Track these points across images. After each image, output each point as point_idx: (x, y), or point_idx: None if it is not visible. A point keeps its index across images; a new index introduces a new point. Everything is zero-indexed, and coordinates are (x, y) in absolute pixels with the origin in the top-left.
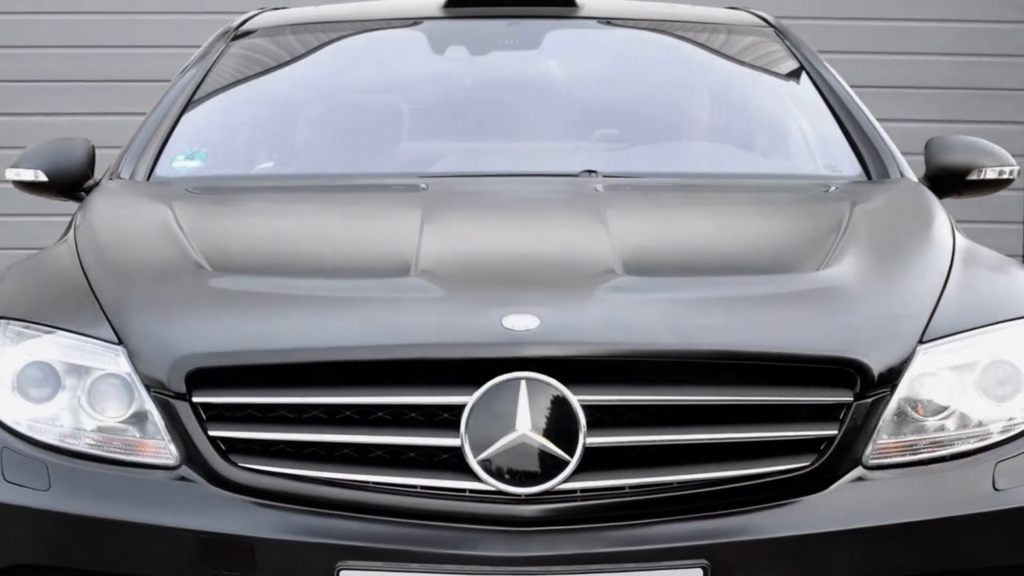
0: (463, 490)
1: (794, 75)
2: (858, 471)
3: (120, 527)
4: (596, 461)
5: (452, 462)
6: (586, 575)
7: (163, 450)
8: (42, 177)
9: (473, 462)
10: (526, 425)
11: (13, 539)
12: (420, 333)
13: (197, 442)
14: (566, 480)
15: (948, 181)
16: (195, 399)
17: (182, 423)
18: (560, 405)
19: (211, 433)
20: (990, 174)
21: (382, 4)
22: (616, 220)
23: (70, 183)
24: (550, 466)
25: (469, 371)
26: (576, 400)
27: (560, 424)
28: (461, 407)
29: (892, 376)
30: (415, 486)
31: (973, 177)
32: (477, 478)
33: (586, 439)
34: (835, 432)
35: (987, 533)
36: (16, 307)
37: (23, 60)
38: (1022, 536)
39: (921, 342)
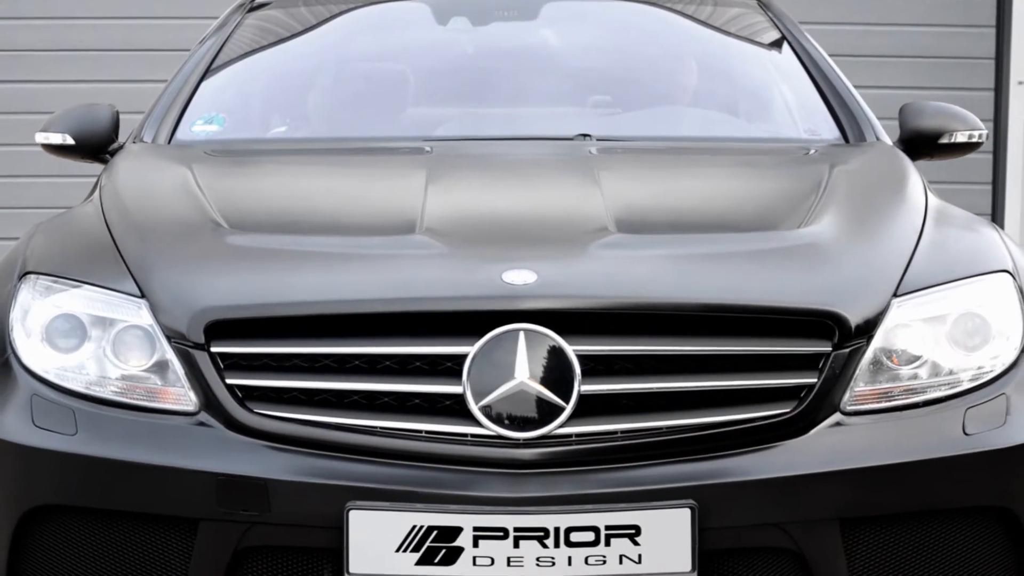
0: (465, 435)
1: (776, 45)
2: (836, 417)
3: (142, 469)
4: (590, 407)
5: (454, 408)
6: (581, 515)
7: (183, 397)
8: (69, 140)
9: (474, 408)
10: (524, 373)
11: (42, 481)
12: (425, 287)
13: (215, 389)
14: (562, 425)
15: (921, 144)
16: (213, 349)
17: (201, 372)
18: (556, 355)
19: (228, 381)
20: (960, 138)
21: None
22: (609, 181)
23: (95, 146)
24: (547, 412)
25: (471, 323)
26: (571, 350)
27: (556, 373)
28: (463, 357)
29: (868, 327)
30: (420, 431)
31: (944, 140)
32: (478, 423)
33: (581, 387)
34: (815, 380)
35: (957, 475)
36: (45, 263)
37: (51, 30)
38: (990, 478)
39: (895, 295)
